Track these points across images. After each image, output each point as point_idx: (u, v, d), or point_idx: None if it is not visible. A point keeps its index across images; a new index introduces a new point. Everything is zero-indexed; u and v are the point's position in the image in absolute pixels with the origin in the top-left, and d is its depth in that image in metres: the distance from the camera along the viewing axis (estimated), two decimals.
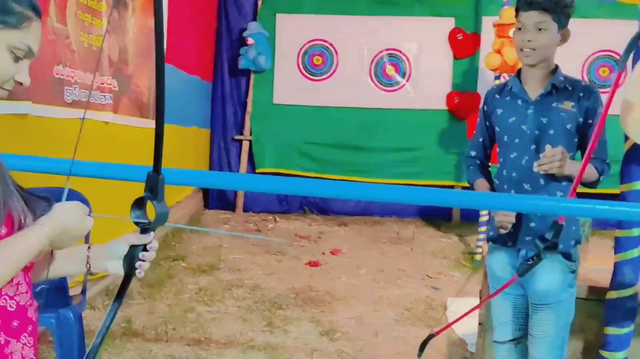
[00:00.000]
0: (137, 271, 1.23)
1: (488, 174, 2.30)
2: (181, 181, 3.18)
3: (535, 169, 2.00)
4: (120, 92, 4.04)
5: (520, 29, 2.09)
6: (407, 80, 6.19)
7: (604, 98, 2.11)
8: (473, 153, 2.32)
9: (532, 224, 2.08)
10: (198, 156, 6.47)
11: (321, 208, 6.58)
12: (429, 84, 6.11)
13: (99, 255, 1.27)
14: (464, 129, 5.84)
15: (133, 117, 4.30)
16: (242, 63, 6.25)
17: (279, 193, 5.77)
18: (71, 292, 2.86)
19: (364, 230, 6.04)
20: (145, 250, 1.23)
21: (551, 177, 2.07)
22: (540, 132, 2.09)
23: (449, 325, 2.63)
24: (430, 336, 2.32)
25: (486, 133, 2.29)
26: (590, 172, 2.06)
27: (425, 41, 6.10)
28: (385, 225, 6.19)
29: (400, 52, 6.17)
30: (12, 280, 1.11)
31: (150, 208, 1.21)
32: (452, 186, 6.19)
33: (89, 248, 1.26)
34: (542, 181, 2.08)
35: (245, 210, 6.59)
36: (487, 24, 5.44)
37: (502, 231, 2.09)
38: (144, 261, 1.23)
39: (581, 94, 2.08)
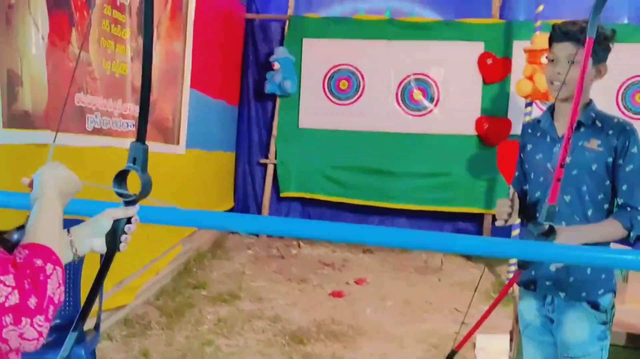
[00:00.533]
0: (121, 245, 1.22)
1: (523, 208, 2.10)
2: (209, 224, 3.11)
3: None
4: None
5: (552, 60, 1.96)
6: (435, 105, 6.06)
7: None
8: (511, 190, 2.11)
9: (552, 268, 1.94)
10: (223, 179, 6.42)
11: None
12: (458, 109, 5.96)
13: (82, 234, 1.22)
14: (493, 155, 5.67)
15: (156, 142, 4.26)
16: (268, 88, 6.21)
17: (305, 236, 5.65)
18: (85, 327, 2.80)
19: (389, 258, 5.89)
20: (129, 222, 1.23)
21: (575, 219, 1.94)
22: (566, 171, 1.86)
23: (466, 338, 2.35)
24: (453, 353, 2.16)
25: (521, 169, 2.15)
26: (609, 232, 1.87)
27: (454, 65, 5.96)
28: (412, 254, 6.03)
29: (427, 76, 6.05)
30: None
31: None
32: (481, 214, 6.02)
33: (68, 231, 1.20)
34: (564, 223, 1.91)
35: (269, 235, 6.50)
36: (518, 48, 5.30)
37: (500, 223, 1.96)
38: (127, 234, 1.23)
39: (610, 132, 1.91)
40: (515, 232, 4.77)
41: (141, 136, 1.20)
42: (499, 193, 5.66)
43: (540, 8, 4.46)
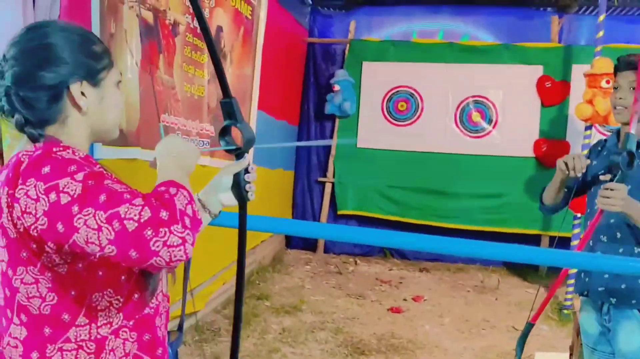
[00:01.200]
0: (249, 194, 1.32)
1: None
2: (269, 228, 3.35)
3: (597, 205, 2.03)
4: (216, 137, 4.27)
5: (616, 88, 2.18)
6: (494, 127, 6.15)
7: None
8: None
9: (606, 275, 2.10)
10: (282, 196, 6.65)
11: (402, 252, 6.57)
12: (516, 131, 6.04)
13: (209, 194, 1.33)
14: (551, 177, 5.70)
15: (227, 160, 4.51)
16: (328, 109, 6.43)
17: (362, 243, 5.81)
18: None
19: (445, 276, 5.97)
20: (247, 172, 1.31)
21: (627, 229, 2.08)
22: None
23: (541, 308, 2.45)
24: (530, 326, 2.33)
25: (582, 180, 2.29)
26: None
27: (512, 88, 6.05)
28: (468, 273, 6.10)
29: (486, 98, 6.15)
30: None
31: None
32: (538, 235, 6.04)
33: (198, 198, 1.32)
34: (619, 234, 2.10)
35: (326, 251, 6.68)
36: (577, 72, 5.36)
37: (572, 173, 2.15)
38: (249, 182, 1.31)
39: None
40: (574, 242, 4.75)
41: (226, 92, 1.26)
42: (555, 215, 5.67)
43: (601, 34, 4.53)
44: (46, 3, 2.50)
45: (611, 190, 1.96)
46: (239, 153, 1.30)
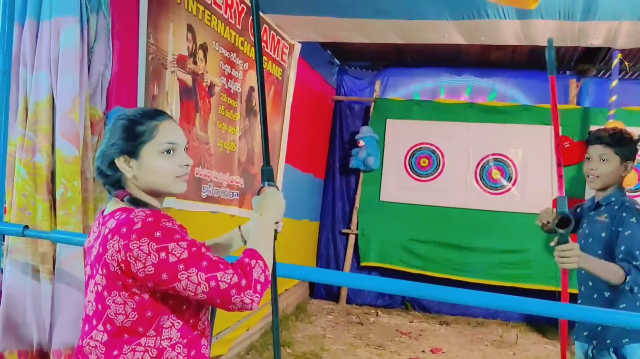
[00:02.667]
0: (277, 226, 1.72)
1: None
2: (295, 275, 3.55)
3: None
4: (245, 189, 4.56)
5: (588, 158, 2.49)
6: (513, 185, 6.33)
7: None
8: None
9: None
10: (308, 246, 6.86)
11: (423, 305, 6.68)
12: (535, 189, 6.19)
13: (248, 229, 1.89)
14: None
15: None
16: (352, 163, 6.70)
17: (382, 291, 5.95)
18: None
19: (465, 330, 6.05)
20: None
21: (596, 280, 2.32)
22: (584, 241, 2.47)
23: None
24: None
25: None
26: (610, 270, 2.22)
27: (532, 147, 6.25)
28: (488, 327, 6.16)
29: (506, 157, 6.36)
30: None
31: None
32: (558, 292, 6.09)
33: (239, 227, 1.94)
34: (590, 283, 2.40)
35: (348, 301, 6.82)
36: None
37: (567, 266, 2.29)
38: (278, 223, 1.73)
39: (616, 207, 2.38)
40: None
41: (267, 161, 1.78)
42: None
43: (614, 98, 4.75)
44: (99, 69, 2.84)
45: (565, 250, 2.19)
46: None
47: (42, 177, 2.59)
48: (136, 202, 1.53)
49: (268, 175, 1.73)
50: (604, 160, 2.41)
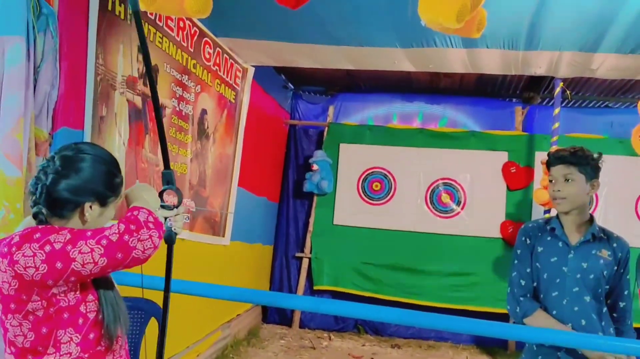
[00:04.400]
0: (176, 228, 1.78)
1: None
2: (247, 299, 3.52)
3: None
4: (196, 212, 4.52)
5: (551, 181, 2.36)
6: (462, 208, 6.47)
7: None
8: (523, 282, 2.37)
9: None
10: (261, 270, 6.81)
11: (375, 328, 6.70)
12: (484, 213, 6.35)
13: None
14: None
15: (206, 234, 4.74)
16: (306, 187, 6.72)
17: (334, 314, 5.95)
18: None
19: (417, 353, 6.09)
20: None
21: (593, 317, 2.26)
22: (581, 275, 2.28)
23: None
24: None
25: (530, 266, 2.40)
26: None
27: (480, 172, 6.42)
28: (439, 350, 6.22)
29: (455, 181, 6.51)
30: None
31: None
32: (506, 314, 6.20)
33: None
34: (583, 321, 2.26)
35: (301, 326, 6.79)
36: (540, 159, 5.74)
37: None
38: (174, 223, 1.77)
39: (615, 245, 2.32)
40: None
41: (167, 164, 1.79)
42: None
43: (556, 125, 4.94)
44: (46, 89, 2.80)
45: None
46: (169, 207, 1.76)
47: None
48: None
49: (168, 178, 1.76)
50: (568, 180, 2.29)
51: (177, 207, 1.75)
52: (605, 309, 2.31)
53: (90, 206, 1.57)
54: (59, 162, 1.57)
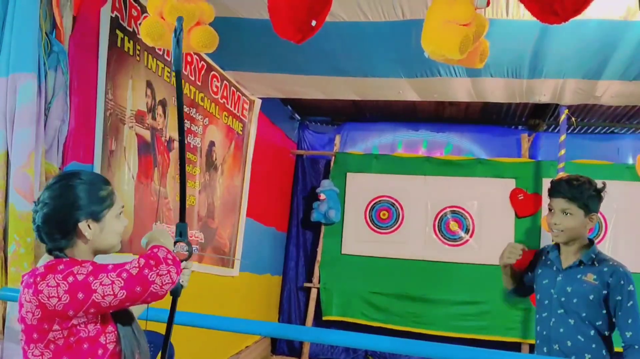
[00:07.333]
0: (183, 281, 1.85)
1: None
2: (255, 331, 3.50)
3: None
4: (205, 244, 4.53)
5: (550, 210, 2.41)
6: (471, 236, 6.44)
7: None
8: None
9: None
10: (269, 301, 6.79)
11: (386, 358, 6.62)
12: (492, 240, 6.30)
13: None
14: None
15: (215, 266, 4.75)
16: (314, 216, 6.73)
17: (344, 345, 5.89)
18: None
19: None
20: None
21: (579, 339, 2.29)
22: (565, 299, 2.35)
23: None
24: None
25: (530, 276, 2.59)
26: None
27: (488, 200, 6.41)
28: None
29: (463, 209, 6.49)
30: None
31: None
32: (518, 343, 6.14)
33: None
34: (569, 343, 2.30)
35: (311, 357, 6.72)
36: (547, 185, 5.71)
37: (501, 261, 2.48)
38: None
39: (605, 269, 2.32)
40: None
41: (182, 217, 1.86)
42: (533, 322, 5.83)
43: (562, 152, 4.95)
44: (56, 124, 2.85)
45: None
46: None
47: None
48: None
49: (181, 230, 1.81)
50: (566, 214, 2.31)
51: (186, 260, 1.79)
52: (596, 332, 2.31)
53: (88, 226, 1.62)
54: (40, 199, 1.65)
